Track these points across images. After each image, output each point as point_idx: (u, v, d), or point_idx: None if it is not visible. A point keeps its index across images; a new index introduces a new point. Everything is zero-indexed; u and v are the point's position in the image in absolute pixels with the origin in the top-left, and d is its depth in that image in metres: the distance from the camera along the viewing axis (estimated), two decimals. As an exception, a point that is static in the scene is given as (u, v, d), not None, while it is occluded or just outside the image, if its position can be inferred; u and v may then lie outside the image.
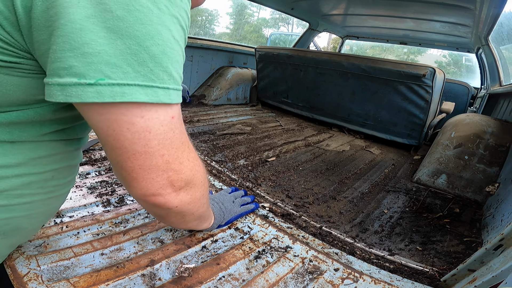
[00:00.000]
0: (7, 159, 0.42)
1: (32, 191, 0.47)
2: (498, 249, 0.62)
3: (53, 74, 0.33)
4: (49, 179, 0.49)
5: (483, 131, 1.28)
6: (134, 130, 0.37)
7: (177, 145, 0.43)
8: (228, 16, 40.34)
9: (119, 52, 0.33)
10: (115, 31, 0.32)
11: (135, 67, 0.34)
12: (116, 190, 0.93)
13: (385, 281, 0.69)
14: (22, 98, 0.40)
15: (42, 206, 0.51)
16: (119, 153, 0.39)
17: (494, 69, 2.34)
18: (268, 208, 1.00)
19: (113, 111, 0.36)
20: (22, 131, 0.43)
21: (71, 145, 0.52)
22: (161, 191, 0.45)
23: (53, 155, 0.48)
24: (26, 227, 0.51)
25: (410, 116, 1.92)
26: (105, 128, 0.37)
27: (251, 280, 0.64)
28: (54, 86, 0.33)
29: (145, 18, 0.34)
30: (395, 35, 3.08)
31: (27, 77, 0.38)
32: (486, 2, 1.56)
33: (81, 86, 0.32)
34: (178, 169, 0.45)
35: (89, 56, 0.32)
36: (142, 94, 0.35)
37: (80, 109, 0.38)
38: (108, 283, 0.58)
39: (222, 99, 2.66)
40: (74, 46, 0.31)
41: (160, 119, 0.39)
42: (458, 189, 1.13)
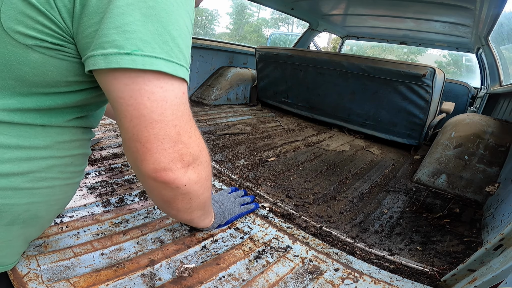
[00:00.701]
0: (37, 141, 0.48)
1: (53, 175, 0.52)
2: (498, 249, 0.62)
3: (97, 47, 0.40)
4: (68, 164, 0.55)
5: (483, 131, 1.28)
6: (153, 99, 0.43)
7: (186, 119, 0.48)
8: (228, 16, 40.37)
9: (149, 32, 0.41)
10: (147, 16, 0.41)
11: (161, 44, 0.42)
12: (116, 190, 0.93)
13: (385, 281, 0.69)
14: (56, 79, 0.46)
15: (59, 193, 0.56)
16: (137, 122, 0.44)
17: (494, 69, 2.34)
18: (268, 208, 1.00)
19: (138, 81, 0.42)
20: (51, 116, 0.49)
21: (87, 133, 0.59)
22: (171, 165, 0.48)
23: (73, 141, 0.55)
24: (43, 216, 0.55)
25: (410, 116, 1.92)
26: (127, 98, 0.43)
27: (251, 280, 0.64)
28: (98, 56, 0.40)
29: (168, 9, 0.42)
30: (395, 35, 3.08)
31: (65, 60, 0.45)
32: (486, 2, 1.56)
33: (120, 55, 0.40)
34: (187, 142, 0.49)
35: (128, 33, 0.40)
36: (165, 66, 0.43)
37: (106, 81, 0.43)
38: (108, 283, 0.58)
39: (222, 99, 2.66)
40: (117, 25, 0.39)
41: (175, 92, 0.45)
42: (458, 189, 1.13)
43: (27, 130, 0.47)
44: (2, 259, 0.54)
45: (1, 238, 0.50)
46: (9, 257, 0.55)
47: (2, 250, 0.52)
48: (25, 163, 0.47)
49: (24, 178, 0.48)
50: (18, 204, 0.48)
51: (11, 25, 0.40)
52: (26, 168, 0.48)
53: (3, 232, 0.49)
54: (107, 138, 1.35)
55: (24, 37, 0.41)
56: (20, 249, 0.56)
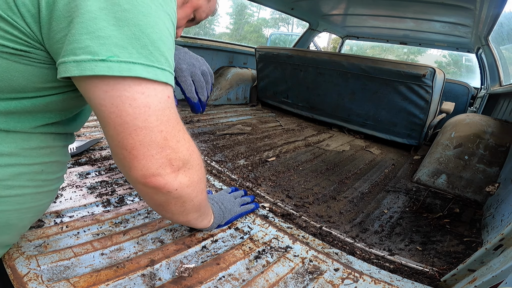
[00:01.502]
0: (1, 147, 0.46)
1: (22, 183, 0.50)
2: (498, 249, 0.62)
3: (69, 53, 0.38)
4: (38, 172, 0.52)
5: (483, 131, 1.28)
6: (135, 105, 0.42)
7: (173, 123, 0.47)
8: (228, 16, 40.35)
9: (126, 37, 0.39)
10: (123, 20, 0.39)
11: (139, 49, 0.40)
12: (116, 190, 0.93)
13: (385, 281, 0.69)
14: (23, 85, 0.44)
15: (32, 201, 0.53)
16: (120, 130, 0.43)
17: (494, 69, 2.34)
18: (268, 208, 1.00)
19: (118, 87, 0.40)
20: (18, 121, 0.47)
21: (59, 140, 0.56)
22: (160, 170, 0.47)
23: (42, 148, 0.52)
24: (15, 223, 0.53)
25: (410, 116, 1.92)
26: (109, 105, 0.41)
27: (251, 280, 0.64)
28: (70, 63, 0.39)
29: (146, 11, 0.41)
30: (395, 35, 3.08)
31: (32, 65, 0.43)
32: (486, 2, 1.56)
33: (95, 61, 0.38)
34: (175, 147, 0.48)
35: (102, 38, 0.38)
36: (144, 71, 0.41)
37: (86, 88, 0.42)
38: (108, 283, 0.58)
39: (222, 99, 2.66)
40: (90, 31, 0.38)
41: (158, 97, 0.44)
42: (458, 189, 1.13)
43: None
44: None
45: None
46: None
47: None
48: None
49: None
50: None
51: None
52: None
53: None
54: (107, 138, 1.35)
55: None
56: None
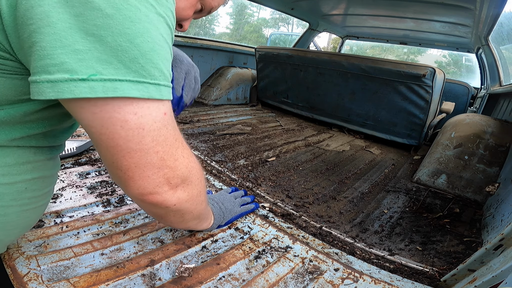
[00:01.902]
0: None
1: (4, 203, 0.45)
2: (498, 249, 0.62)
3: (41, 71, 0.32)
4: (21, 190, 0.47)
5: (483, 131, 1.28)
6: (127, 128, 0.37)
7: (171, 141, 0.43)
8: (228, 16, 40.34)
9: (110, 49, 0.33)
10: (105, 29, 0.32)
11: (126, 63, 0.34)
12: (116, 190, 0.93)
13: (385, 281, 0.69)
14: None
15: (17, 219, 0.49)
16: (113, 152, 0.39)
17: (494, 69, 2.34)
18: (268, 208, 1.00)
19: (107, 109, 0.36)
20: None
21: (41, 154, 0.49)
22: (158, 189, 0.45)
23: (21, 164, 0.46)
24: (2, 239, 0.51)
25: (410, 116, 1.92)
26: (99, 127, 0.37)
27: (251, 280, 0.64)
28: (43, 84, 0.32)
29: (134, 16, 0.34)
30: (395, 35, 3.08)
31: (1, 77, 0.38)
32: (486, 2, 1.56)
33: (74, 81, 0.32)
34: (173, 166, 0.45)
35: (80, 52, 0.32)
36: (133, 89, 0.36)
37: (72, 109, 0.37)
38: (108, 283, 0.58)
39: (222, 99, 2.66)
40: (65, 44, 0.31)
41: (152, 116, 0.39)
42: (458, 189, 1.13)
43: None
44: None
45: None
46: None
47: None
48: None
49: None
50: None
51: None
52: None
53: None
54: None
55: None
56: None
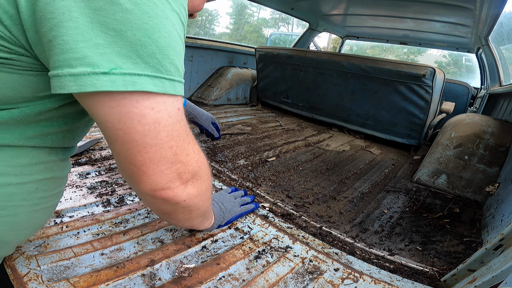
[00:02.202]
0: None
1: (14, 203, 0.45)
2: (498, 249, 0.62)
3: (63, 65, 0.33)
4: (32, 191, 0.47)
5: (483, 131, 1.28)
6: (144, 122, 0.38)
7: (183, 137, 0.45)
8: (228, 16, 40.37)
9: (129, 44, 0.34)
10: (124, 23, 0.33)
11: (145, 58, 0.35)
12: (116, 190, 0.93)
13: (385, 281, 0.69)
14: (8, 95, 0.39)
15: (27, 219, 0.49)
16: (129, 147, 0.40)
17: (494, 69, 2.34)
18: (268, 208, 1.00)
19: (125, 103, 0.36)
20: (6, 132, 0.42)
21: (55, 154, 0.50)
22: (170, 184, 0.45)
23: (35, 164, 0.46)
24: (10, 240, 0.50)
25: (410, 116, 1.92)
26: (116, 122, 0.37)
27: (251, 280, 0.64)
28: (66, 77, 0.33)
29: (151, 11, 0.35)
30: (395, 35, 3.08)
31: (16, 74, 0.38)
32: (486, 2, 1.56)
33: (96, 75, 0.33)
34: (185, 161, 0.46)
35: (101, 47, 0.33)
36: (151, 84, 0.37)
37: (89, 104, 0.37)
38: (108, 283, 0.58)
39: (222, 99, 2.66)
40: (87, 38, 0.32)
41: (168, 111, 0.40)
42: (458, 189, 1.13)
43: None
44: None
45: None
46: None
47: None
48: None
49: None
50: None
51: None
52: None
53: None
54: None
55: None
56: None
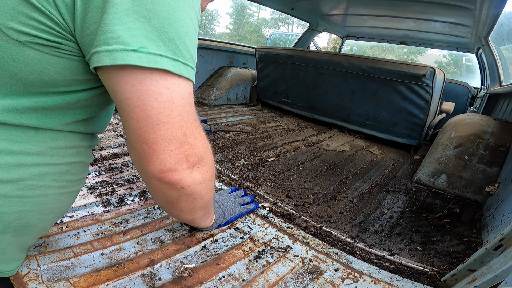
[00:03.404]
0: (29, 146, 0.46)
1: (46, 183, 0.49)
2: (498, 249, 0.62)
3: (102, 43, 0.39)
4: (63, 172, 0.52)
5: (483, 131, 1.28)
6: (160, 100, 0.42)
7: (192, 120, 0.48)
8: (228, 16, 40.38)
9: (155, 30, 0.40)
10: (152, 12, 0.40)
11: (166, 42, 0.41)
12: (116, 190, 0.93)
13: (385, 281, 0.69)
14: (54, 78, 0.44)
15: (54, 202, 0.53)
16: (143, 123, 0.43)
17: (494, 69, 2.34)
18: (268, 208, 1.00)
19: (145, 82, 0.41)
20: (48, 117, 0.47)
21: (85, 140, 0.56)
22: (177, 166, 0.48)
23: (69, 147, 0.52)
24: (36, 224, 0.52)
25: (410, 116, 1.92)
26: (135, 99, 0.42)
27: (251, 280, 0.64)
28: (103, 53, 0.39)
29: (175, 5, 0.41)
30: (395, 35, 3.08)
31: (63, 58, 0.43)
32: (486, 2, 1.56)
33: (126, 51, 0.39)
34: (193, 144, 0.49)
35: (133, 30, 0.39)
36: (170, 65, 0.42)
37: (114, 82, 0.42)
38: (108, 283, 0.58)
39: (222, 99, 2.66)
40: (122, 22, 0.39)
41: (181, 92, 0.44)
42: (458, 189, 1.13)
43: (18, 134, 0.45)
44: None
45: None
46: (4, 264, 0.53)
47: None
48: (16, 169, 0.45)
49: (15, 186, 0.46)
50: (8, 212, 0.47)
51: (4, 22, 0.39)
52: (16, 175, 0.45)
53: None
54: (107, 138, 1.35)
55: (17, 34, 0.39)
56: (16, 256, 0.55)
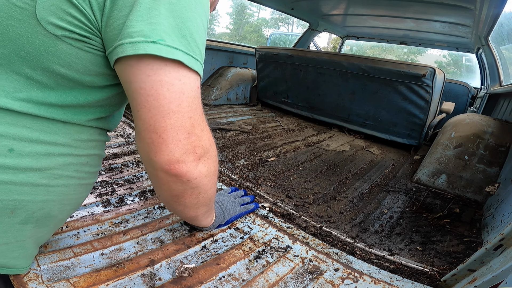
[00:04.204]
0: (57, 137, 0.50)
1: (69, 173, 0.54)
2: (498, 249, 0.62)
3: (126, 36, 0.43)
4: (84, 163, 0.56)
5: (483, 131, 1.28)
6: (172, 90, 0.46)
7: (199, 112, 0.51)
8: (228, 16, 40.36)
9: (171, 26, 0.45)
10: (170, 11, 0.45)
11: (180, 38, 0.46)
12: (116, 190, 0.93)
13: (385, 281, 0.69)
14: (80, 71, 0.48)
15: (74, 193, 0.57)
16: (155, 112, 0.46)
17: (494, 69, 2.34)
18: (268, 208, 1.00)
19: (159, 73, 0.45)
20: (74, 113, 0.51)
21: (103, 135, 0.61)
22: (184, 157, 0.50)
23: (90, 140, 0.57)
24: (56, 215, 0.55)
25: (410, 116, 1.92)
26: (148, 88, 0.45)
27: (251, 280, 0.64)
28: (127, 44, 0.43)
29: (188, 6, 0.46)
30: (395, 35, 3.08)
31: (90, 52, 0.47)
32: (486, 2, 1.56)
33: (147, 43, 0.43)
34: (200, 135, 0.51)
35: (154, 24, 0.44)
36: (183, 57, 0.46)
37: (131, 73, 0.45)
38: (108, 283, 0.58)
39: (222, 99, 2.66)
40: (145, 18, 0.43)
41: (191, 85, 0.48)
42: (458, 189, 1.13)
43: (49, 125, 0.49)
44: (16, 261, 0.53)
45: (14, 238, 0.50)
46: (22, 259, 0.54)
47: (15, 251, 0.52)
48: (44, 158, 0.49)
49: (41, 174, 0.49)
50: (34, 201, 0.49)
51: (45, 16, 0.42)
52: (44, 164, 0.49)
53: (16, 231, 0.49)
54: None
55: (55, 28, 0.43)
56: (32, 251, 0.56)
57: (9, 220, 0.48)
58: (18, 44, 0.44)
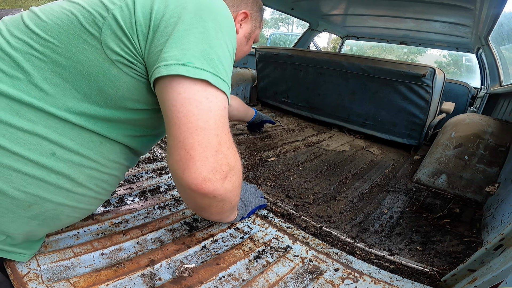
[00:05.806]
0: (92, 153, 0.56)
1: (90, 185, 0.59)
2: (498, 249, 0.62)
3: (162, 60, 0.49)
4: (104, 180, 0.61)
5: (483, 131, 1.28)
6: (200, 107, 0.50)
7: (226, 130, 0.54)
8: (228, 16, 40.18)
9: (200, 51, 0.51)
10: (199, 39, 0.51)
11: (208, 61, 0.51)
12: (116, 190, 0.93)
13: (385, 281, 0.69)
14: (126, 95, 0.55)
15: (86, 203, 0.61)
16: (184, 128, 0.49)
17: (494, 69, 2.34)
18: (268, 208, 1.00)
19: (189, 91, 0.49)
20: (112, 128, 0.57)
21: (128, 160, 0.66)
22: (211, 176, 0.51)
23: (116, 162, 0.62)
24: (62, 219, 0.59)
25: (410, 116, 1.91)
26: (179, 105, 0.49)
27: (251, 280, 0.64)
28: (162, 67, 0.49)
29: (216, 35, 0.53)
30: (395, 35, 3.08)
31: (134, 78, 0.54)
32: (486, 2, 1.56)
33: (178, 65, 0.49)
34: (226, 153, 0.53)
35: (185, 50, 0.50)
36: (210, 77, 0.50)
37: (165, 91, 0.50)
38: (108, 283, 0.58)
39: (222, 99, 2.65)
40: (178, 45, 0.50)
41: (218, 104, 0.52)
42: (458, 189, 1.13)
43: (88, 142, 0.55)
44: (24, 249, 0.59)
45: (14, 230, 0.53)
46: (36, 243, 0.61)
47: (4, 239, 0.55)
48: (75, 167, 0.54)
49: (68, 180, 0.54)
50: (52, 201, 0.54)
51: (107, 42, 0.50)
52: (74, 172, 0.54)
53: (20, 224, 0.53)
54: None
55: (112, 53, 0.51)
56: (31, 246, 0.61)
57: (22, 212, 0.52)
58: (84, 65, 0.50)
